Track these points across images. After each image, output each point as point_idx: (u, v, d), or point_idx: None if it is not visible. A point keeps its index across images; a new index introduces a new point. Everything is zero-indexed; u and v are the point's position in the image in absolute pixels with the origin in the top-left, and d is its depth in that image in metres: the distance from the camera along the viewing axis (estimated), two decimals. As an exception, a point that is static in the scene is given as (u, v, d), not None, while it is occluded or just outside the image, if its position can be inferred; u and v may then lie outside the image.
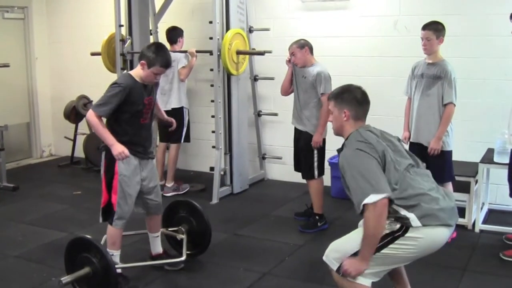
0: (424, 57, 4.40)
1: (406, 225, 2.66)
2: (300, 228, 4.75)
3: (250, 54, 5.90)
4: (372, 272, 2.72)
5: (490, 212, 5.12)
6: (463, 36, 5.14)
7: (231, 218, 5.11)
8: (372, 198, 2.57)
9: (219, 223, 4.71)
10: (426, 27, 4.29)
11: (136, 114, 3.52)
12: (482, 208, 4.90)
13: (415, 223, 2.64)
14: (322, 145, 4.64)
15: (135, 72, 3.55)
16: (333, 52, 5.66)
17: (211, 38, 5.53)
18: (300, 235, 4.66)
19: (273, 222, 5.03)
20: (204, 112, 6.42)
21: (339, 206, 5.25)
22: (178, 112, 5.71)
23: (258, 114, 6.34)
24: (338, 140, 2.97)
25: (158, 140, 6.15)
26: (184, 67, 5.72)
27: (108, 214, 3.57)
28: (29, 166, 7.43)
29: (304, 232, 4.70)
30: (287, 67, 4.81)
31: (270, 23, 6.09)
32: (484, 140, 5.06)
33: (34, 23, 7.59)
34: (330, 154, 5.01)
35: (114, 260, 3.51)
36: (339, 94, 2.93)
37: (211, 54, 5.57)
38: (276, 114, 6.18)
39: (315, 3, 5.91)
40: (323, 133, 4.61)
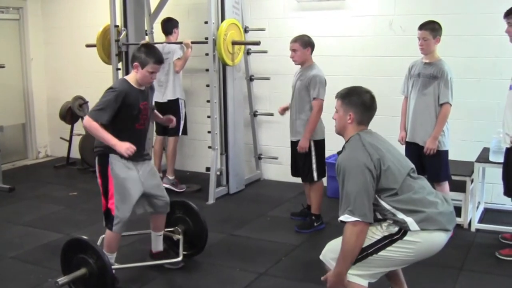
0: (421, 56, 4.40)
1: (404, 228, 2.66)
2: (296, 228, 4.75)
3: (246, 44, 5.88)
4: (369, 273, 2.73)
5: (486, 211, 5.13)
6: (458, 35, 5.15)
7: (227, 218, 5.11)
8: (348, 218, 2.61)
9: (215, 224, 4.71)
10: (422, 27, 4.29)
11: (131, 119, 3.50)
12: (478, 207, 4.91)
13: (413, 227, 2.64)
14: (317, 147, 4.59)
15: (131, 77, 3.54)
16: (328, 52, 5.66)
17: (207, 39, 5.53)
18: (296, 235, 4.66)
19: (269, 222, 5.03)
20: (200, 112, 6.41)
21: (335, 206, 5.08)
22: (174, 104, 5.70)
23: (254, 114, 6.34)
24: (338, 140, 2.95)
25: (154, 132, 6.11)
26: (179, 58, 5.69)
27: (108, 219, 3.55)
28: (25, 167, 7.41)
29: (300, 232, 4.70)
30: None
31: (265, 23, 6.09)
32: (479, 139, 5.07)
33: (29, 24, 7.57)
34: (328, 154, 4.99)
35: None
36: (347, 95, 2.87)
37: (206, 40, 5.51)
38: (272, 114, 6.17)
39: (310, 3, 5.91)
40: (309, 138, 4.54)
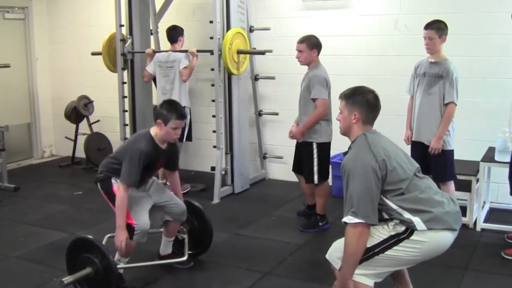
0: (427, 55, 4.39)
1: (411, 228, 2.65)
2: (301, 228, 4.74)
3: (251, 54, 5.90)
4: (375, 273, 2.73)
5: (491, 210, 5.11)
6: (463, 34, 5.13)
7: (232, 218, 5.11)
8: (351, 219, 2.61)
9: (220, 223, 4.71)
10: (428, 26, 4.27)
11: (144, 172, 3.56)
12: (483, 207, 4.90)
13: (419, 226, 2.63)
14: (320, 150, 4.54)
15: (155, 133, 3.57)
16: (333, 51, 5.64)
17: (212, 38, 5.53)
18: (301, 234, 4.65)
19: (274, 222, 5.02)
20: (204, 111, 6.42)
21: (340, 206, 5.08)
22: None
23: (259, 114, 6.33)
24: (343, 140, 2.95)
25: None
26: (186, 67, 5.70)
27: (129, 231, 3.53)
28: (30, 167, 7.43)
29: (305, 231, 4.69)
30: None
31: (270, 23, 6.09)
32: (485, 139, 5.05)
33: (34, 23, 7.59)
34: (333, 153, 4.98)
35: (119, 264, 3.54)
36: (351, 95, 2.86)
37: (211, 54, 5.57)
38: (277, 114, 6.17)
39: (316, 2, 5.90)
40: (304, 131, 4.53)
